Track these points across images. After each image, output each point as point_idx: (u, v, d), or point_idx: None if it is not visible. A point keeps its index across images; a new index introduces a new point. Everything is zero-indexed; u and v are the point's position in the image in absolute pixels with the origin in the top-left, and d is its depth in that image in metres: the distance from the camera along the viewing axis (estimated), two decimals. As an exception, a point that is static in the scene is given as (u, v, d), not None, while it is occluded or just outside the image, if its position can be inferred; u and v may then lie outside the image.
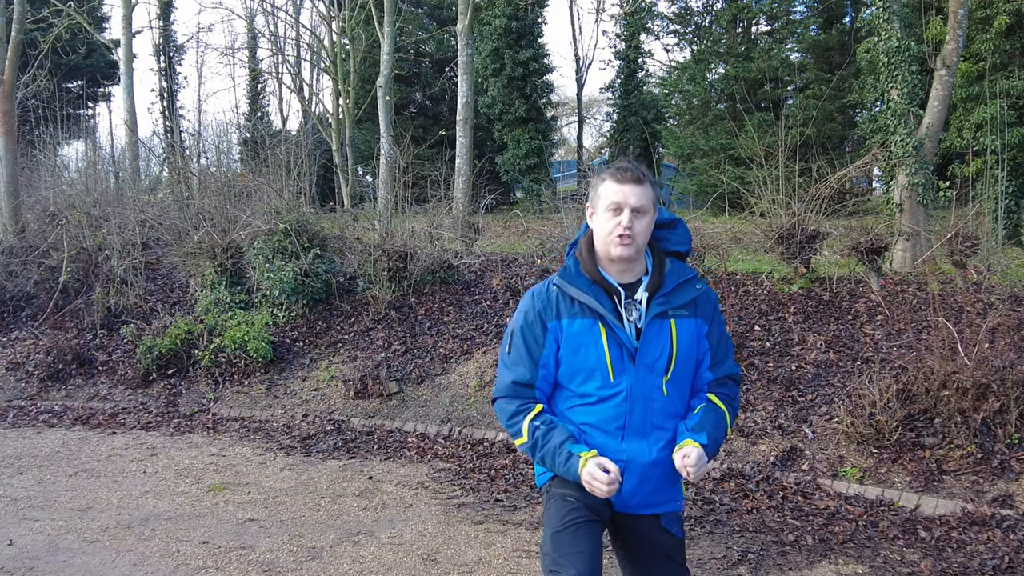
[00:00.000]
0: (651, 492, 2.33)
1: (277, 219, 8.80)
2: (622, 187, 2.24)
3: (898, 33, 9.11)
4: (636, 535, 2.41)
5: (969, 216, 7.32)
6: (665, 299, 2.30)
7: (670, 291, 2.31)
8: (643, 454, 2.28)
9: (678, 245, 2.44)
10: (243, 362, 7.92)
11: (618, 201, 2.24)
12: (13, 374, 8.61)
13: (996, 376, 5.04)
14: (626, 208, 2.23)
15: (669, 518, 2.40)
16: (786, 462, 5.33)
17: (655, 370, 2.28)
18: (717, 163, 17.66)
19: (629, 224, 2.22)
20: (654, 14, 24.58)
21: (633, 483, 2.30)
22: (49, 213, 10.86)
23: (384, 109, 14.37)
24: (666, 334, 2.28)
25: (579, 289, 2.29)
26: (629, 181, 2.24)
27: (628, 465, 2.27)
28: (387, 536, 4.48)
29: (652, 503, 2.36)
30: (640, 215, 2.24)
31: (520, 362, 2.32)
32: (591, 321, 2.26)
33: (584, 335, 2.26)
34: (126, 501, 5.13)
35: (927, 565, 3.94)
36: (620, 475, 2.17)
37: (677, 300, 2.31)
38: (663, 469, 2.31)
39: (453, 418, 6.81)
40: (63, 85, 20.13)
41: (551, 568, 2.26)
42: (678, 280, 2.33)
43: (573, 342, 2.28)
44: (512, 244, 11.03)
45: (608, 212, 2.26)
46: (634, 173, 2.26)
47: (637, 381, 2.26)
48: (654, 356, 2.27)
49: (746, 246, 8.32)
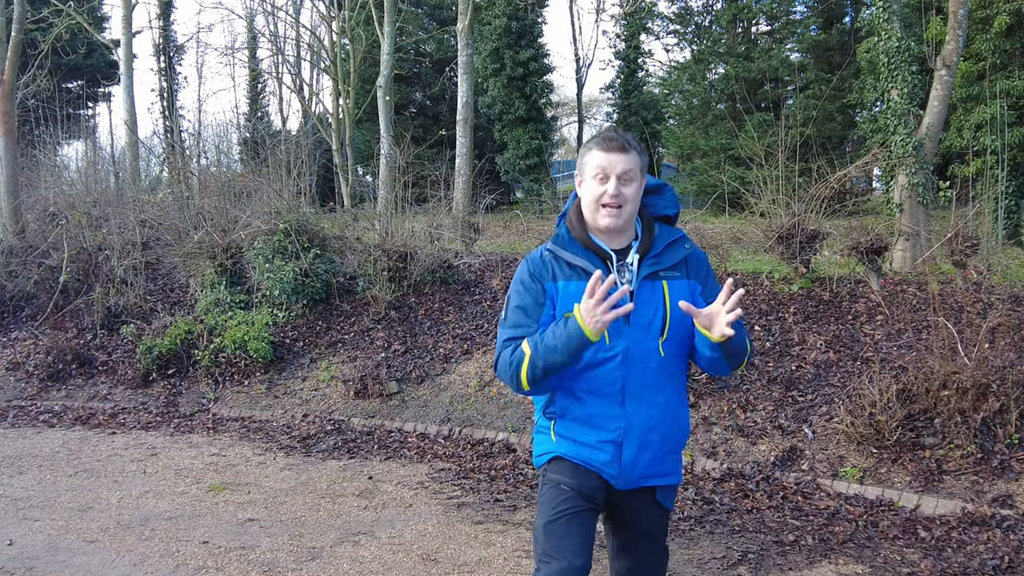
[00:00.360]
0: (651, 463, 2.32)
1: (277, 219, 8.80)
2: (608, 155, 2.25)
3: (898, 33, 9.11)
4: (627, 513, 2.42)
5: (969, 216, 7.32)
6: (655, 260, 2.31)
7: (659, 252, 2.32)
8: (642, 418, 2.27)
9: (665, 209, 2.46)
10: (243, 362, 7.92)
11: (604, 167, 2.25)
12: (13, 374, 8.61)
13: (996, 376, 5.04)
14: (612, 175, 2.24)
15: (665, 492, 2.40)
16: (786, 462, 5.33)
17: (650, 331, 2.27)
18: (717, 163, 17.66)
19: (616, 191, 2.23)
20: (654, 14, 24.59)
21: (633, 450, 2.29)
22: (49, 213, 10.86)
23: (384, 109, 14.37)
24: (659, 295, 2.29)
25: (572, 253, 2.30)
26: (615, 149, 2.25)
27: (627, 432, 2.27)
28: (387, 536, 4.48)
29: (651, 475, 2.35)
30: (627, 182, 2.25)
31: (519, 323, 2.31)
32: (585, 283, 2.25)
33: (579, 297, 2.24)
34: (126, 501, 5.13)
35: (927, 565, 3.94)
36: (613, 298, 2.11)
37: (667, 261, 2.32)
38: (662, 435, 2.31)
39: (453, 418, 6.81)
40: (63, 85, 20.11)
41: (542, 558, 2.27)
42: (667, 241, 2.34)
43: (568, 304, 2.27)
44: (512, 244, 11.03)
45: (594, 180, 2.27)
46: (619, 141, 2.26)
47: (633, 343, 2.26)
48: (648, 317, 2.27)
49: (746, 246, 8.32)
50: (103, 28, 24.26)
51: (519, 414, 6.56)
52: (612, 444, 2.29)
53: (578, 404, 2.31)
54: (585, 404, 2.29)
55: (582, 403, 2.30)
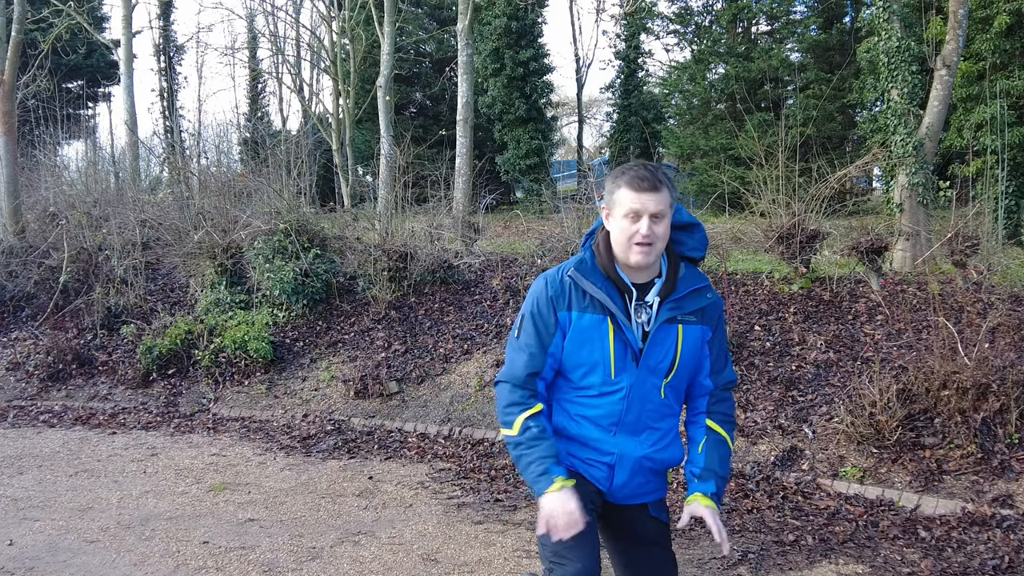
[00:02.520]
0: (640, 484, 2.38)
1: (277, 219, 8.80)
2: (640, 195, 2.21)
3: (898, 33, 9.10)
4: (625, 525, 2.45)
5: (969, 216, 7.31)
6: (676, 305, 2.30)
7: (681, 297, 2.31)
8: (633, 449, 2.33)
9: (693, 251, 2.43)
10: (243, 362, 7.92)
11: (636, 209, 2.22)
12: (13, 374, 8.61)
13: (996, 376, 5.04)
14: (645, 215, 2.21)
15: (656, 506, 2.45)
16: (786, 462, 5.33)
17: (657, 372, 2.30)
18: (717, 163, 17.65)
19: (648, 232, 2.21)
20: (654, 14, 24.58)
21: (624, 476, 2.34)
22: (49, 213, 10.86)
23: (384, 109, 14.36)
24: (672, 339, 2.29)
25: (592, 284, 2.29)
26: (647, 190, 2.21)
27: (619, 459, 2.33)
28: (387, 536, 4.48)
29: (640, 494, 2.40)
30: (659, 220, 2.23)
31: (530, 347, 2.32)
32: (601, 317, 2.27)
33: (592, 330, 2.27)
34: (126, 501, 5.13)
35: (927, 565, 3.94)
36: (581, 523, 2.17)
37: (688, 307, 2.31)
38: (653, 463, 2.36)
39: (453, 418, 6.80)
40: (63, 85, 20.12)
41: (553, 560, 2.26)
42: (691, 287, 2.32)
43: (580, 336, 2.28)
44: (512, 244, 11.03)
45: (626, 219, 2.24)
46: (651, 181, 2.22)
47: (638, 381, 2.28)
48: (658, 359, 2.29)
49: (746, 246, 8.32)
50: (103, 28, 24.25)
51: (519, 414, 6.55)
52: (605, 465, 2.35)
53: (574, 424, 2.35)
54: (580, 426, 2.34)
55: (578, 425, 2.34)
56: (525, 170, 20.42)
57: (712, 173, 17.34)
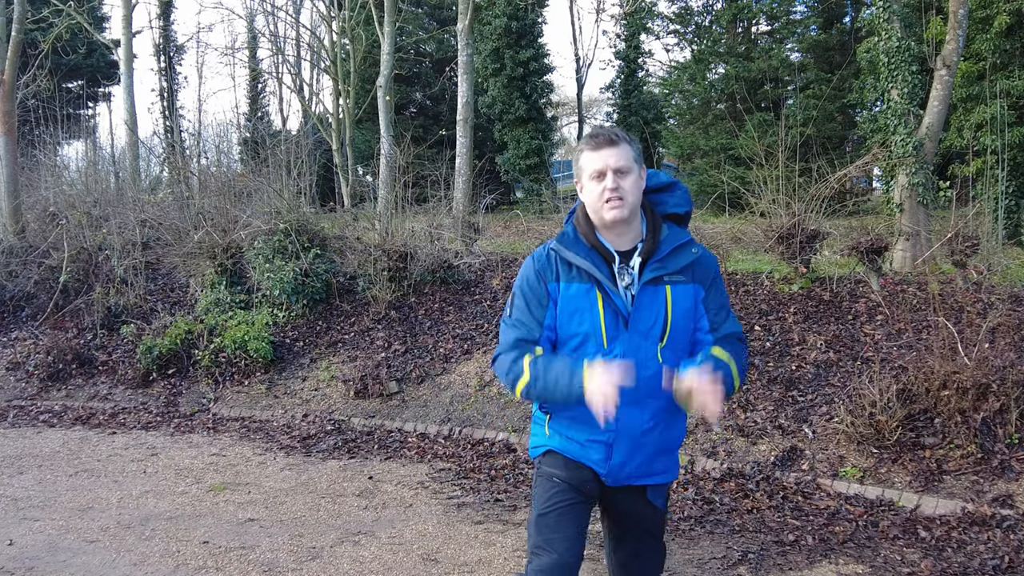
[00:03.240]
0: (643, 463, 2.33)
1: (277, 219, 8.80)
2: (599, 152, 2.25)
3: (898, 33, 9.10)
4: (621, 509, 2.43)
5: (969, 216, 7.31)
6: (659, 264, 2.28)
7: (664, 256, 2.29)
8: (636, 423, 2.27)
9: (676, 207, 2.42)
10: (243, 362, 7.92)
11: (599, 168, 2.24)
12: (13, 374, 8.61)
13: (996, 376, 5.04)
14: (608, 171, 2.23)
15: (656, 491, 2.40)
16: (786, 462, 5.33)
17: (650, 337, 2.26)
18: (717, 163, 17.66)
19: (615, 184, 2.22)
20: (654, 14, 24.60)
21: (623, 454, 2.30)
22: (49, 213, 10.86)
23: (384, 109, 14.36)
24: (660, 300, 2.26)
25: (576, 254, 2.29)
26: (604, 145, 2.25)
27: (619, 435, 2.28)
28: (387, 536, 4.48)
29: (644, 474, 2.35)
30: (623, 174, 2.24)
31: (523, 322, 2.31)
32: (588, 286, 2.26)
33: (580, 299, 2.26)
34: (126, 501, 5.14)
35: (927, 565, 3.94)
36: (632, 368, 2.11)
37: (672, 265, 2.29)
38: (656, 438, 2.31)
39: (453, 418, 6.81)
40: (63, 85, 20.13)
41: (533, 551, 2.28)
42: (672, 245, 2.30)
43: (569, 306, 2.27)
44: (512, 244, 11.03)
45: (592, 181, 2.26)
46: (607, 136, 2.26)
47: (630, 348, 2.24)
48: (648, 323, 2.25)
49: (746, 246, 8.31)
50: (103, 28, 24.24)
51: (519, 414, 6.56)
52: (602, 444, 2.30)
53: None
54: (580, 404, 2.29)
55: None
56: (525, 170, 20.43)
57: (712, 173, 17.32)
